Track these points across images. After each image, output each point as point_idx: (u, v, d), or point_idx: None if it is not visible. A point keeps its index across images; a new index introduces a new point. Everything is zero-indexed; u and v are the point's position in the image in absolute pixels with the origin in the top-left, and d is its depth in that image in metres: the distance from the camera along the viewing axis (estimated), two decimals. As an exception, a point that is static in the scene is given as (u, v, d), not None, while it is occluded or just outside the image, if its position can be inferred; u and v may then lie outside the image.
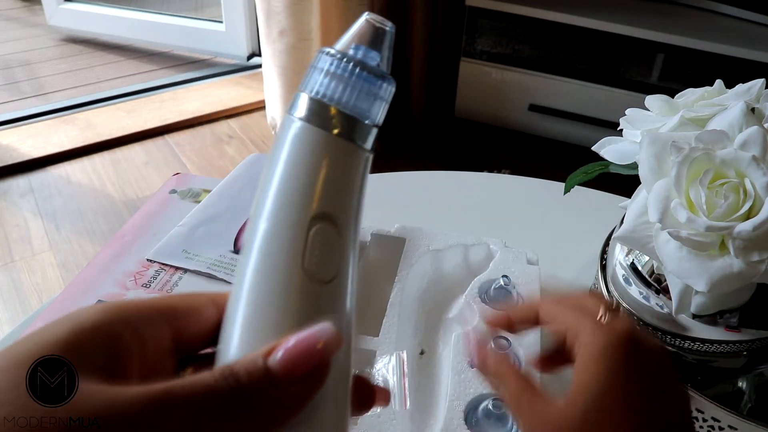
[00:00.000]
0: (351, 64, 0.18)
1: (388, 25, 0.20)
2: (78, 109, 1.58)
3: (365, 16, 0.19)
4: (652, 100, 0.35)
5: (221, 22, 1.75)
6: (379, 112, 0.19)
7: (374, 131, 0.19)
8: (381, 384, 0.36)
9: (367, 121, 0.19)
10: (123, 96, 1.65)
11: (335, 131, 0.18)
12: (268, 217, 0.18)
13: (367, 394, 0.19)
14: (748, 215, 0.28)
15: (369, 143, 0.19)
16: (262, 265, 0.18)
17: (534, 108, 1.43)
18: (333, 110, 0.18)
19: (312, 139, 0.18)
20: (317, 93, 0.18)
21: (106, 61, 1.83)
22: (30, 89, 1.69)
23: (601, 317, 0.22)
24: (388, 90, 0.19)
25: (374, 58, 0.19)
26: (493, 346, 0.36)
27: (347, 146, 0.18)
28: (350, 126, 0.18)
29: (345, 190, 0.19)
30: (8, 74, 1.78)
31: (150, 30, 1.83)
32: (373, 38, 0.19)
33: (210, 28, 1.79)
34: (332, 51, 0.19)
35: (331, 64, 0.18)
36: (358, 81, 0.18)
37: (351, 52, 0.19)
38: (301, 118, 0.18)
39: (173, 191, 0.45)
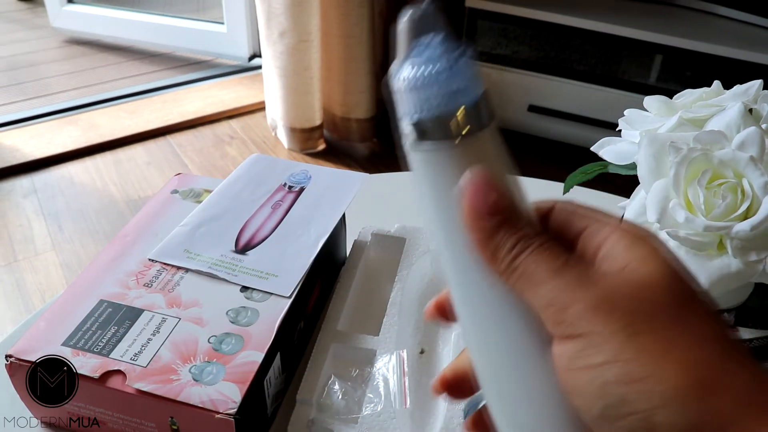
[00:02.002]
0: (427, 67, 0.17)
1: (423, 5, 0.18)
2: (81, 110, 1.59)
3: (403, 21, 0.18)
4: (651, 101, 0.35)
5: (222, 23, 1.75)
6: (477, 81, 0.18)
7: (486, 95, 0.18)
8: (381, 384, 0.36)
9: (478, 97, 0.17)
10: (125, 97, 1.65)
11: (464, 131, 0.17)
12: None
13: None
14: (746, 215, 0.28)
15: (490, 110, 0.18)
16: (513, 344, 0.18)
17: (533, 108, 1.43)
18: (455, 119, 0.17)
19: (456, 156, 0.17)
20: (423, 112, 0.17)
21: (108, 63, 1.83)
22: (33, 90, 1.70)
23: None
24: (468, 56, 0.17)
25: (436, 43, 0.17)
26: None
27: (485, 134, 0.18)
28: (475, 115, 0.17)
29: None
30: (12, 75, 1.78)
31: (152, 31, 1.84)
32: (420, 26, 0.17)
33: (211, 30, 1.79)
34: (403, 68, 0.17)
35: (415, 78, 0.17)
36: (444, 77, 0.17)
37: (416, 56, 0.17)
38: (429, 147, 0.18)
39: (175, 191, 0.45)
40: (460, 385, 0.22)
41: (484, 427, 0.21)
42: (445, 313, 0.22)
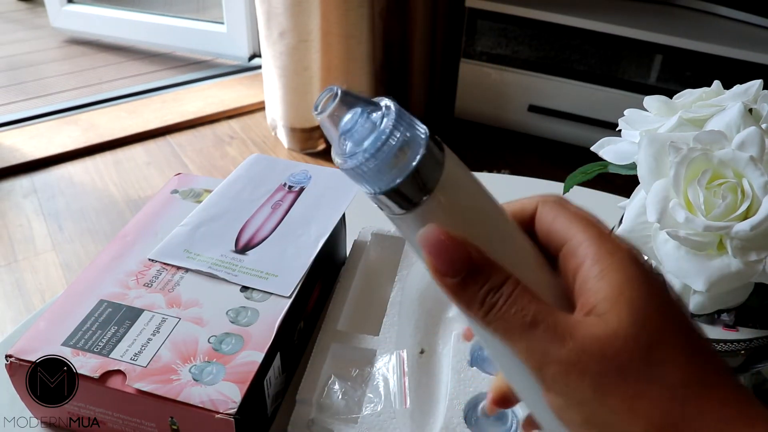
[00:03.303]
0: (361, 157, 0.17)
1: (334, 89, 0.18)
2: (80, 110, 1.59)
3: (320, 114, 0.18)
4: (651, 101, 0.35)
5: (222, 23, 1.75)
6: (416, 127, 0.17)
7: (430, 143, 0.17)
8: (381, 384, 0.36)
9: (421, 152, 0.17)
10: (125, 97, 1.65)
11: (423, 187, 0.17)
12: None
13: None
14: (746, 215, 0.28)
15: (441, 152, 0.18)
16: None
17: (533, 108, 1.43)
18: (410, 183, 0.17)
19: (420, 214, 0.18)
20: (377, 191, 0.18)
21: (108, 63, 1.83)
22: (33, 90, 1.70)
23: (606, 232, 0.19)
24: (394, 109, 0.17)
25: (358, 119, 0.17)
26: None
27: (444, 174, 0.17)
28: (428, 167, 0.17)
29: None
30: (12, 75, 1.78)
31: (152, 31, 1.84)
32: (335, 115, 0.18)
33: (211, 30, 1.79)
34: (340, 158, 0.18)
35: (354, 167, 0.17)
36: (378, 159, 0.17)
37: (348, 140, 0.17)
38: (399, 213, 0.18)
39: (175, 191, 0.45)
40: (506, 401, 0.23)
41: (536, 426, 0.22)
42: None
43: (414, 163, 0.17)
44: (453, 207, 0.18)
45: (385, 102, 0.18)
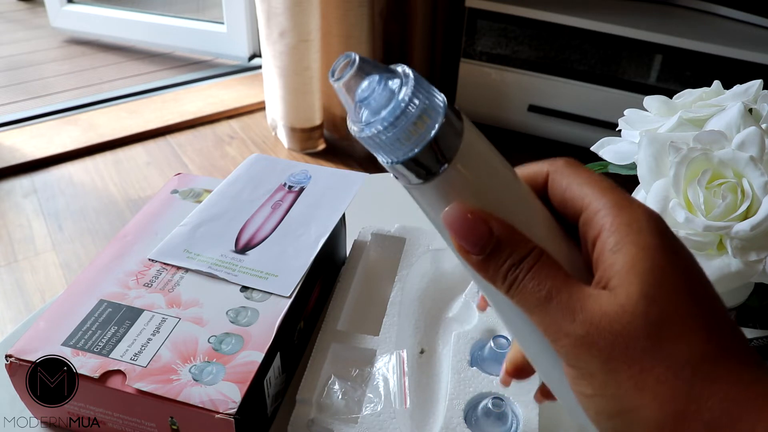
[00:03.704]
0: (377, 124, 0.17)
1: (352, 56, 0.17)
2: (81, 110, 1.59)
3: (336, 81, 0.17)
4: (651, 101, 0.35)
5: (222, 23, 1.75)
6: (434, 95, 0.17)
7: (449, 111, 0.17)
8: (381, 384, 0.36)
9: (439, 121, 0.17)
10: (125, 97, 1.65)
11: (441, 158, 0.17)
12: None
13: None
14: (745, 215, 0.28)
15: (459, 121, 0.17)
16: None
17: (533, 108, 1.43)
18: (428, 153, 0.17)
19: (440, 184, 0.17)
20: (394, 160, 0.17)
21: (108, 63, 1.83)
22: (33, 90, 1.70)
23: (624, 196, 0.18)
24: (413, 77, 0.17)
25: (376, 87, 0.17)
26: (492, 345, 0.36)
27: (464, 143, 0.17)
28: (446, 137, 0.17)
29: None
30: (12, 75, 1.78)
31: (152, 31, 1.84)
32: (352, 81, 0.17)
33: (211, 30, 1.79)
34: (357, 126, 0.17)
35: (371, 136, 0.17)
36: (397, 128, 0.16)
37: (365, 109, 0.17)
38: (416, 183, 0.18)
39: (175, 191, 0.45)
40: (521, 371, 0.24)
41: (551, 395, 0.22)
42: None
43: (433, 132, 0.17)
44: (472, 176, 0.18)
45: (402, 69, 0.17)
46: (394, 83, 0.17)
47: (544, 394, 0.23)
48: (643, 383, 0.16)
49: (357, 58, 0.17)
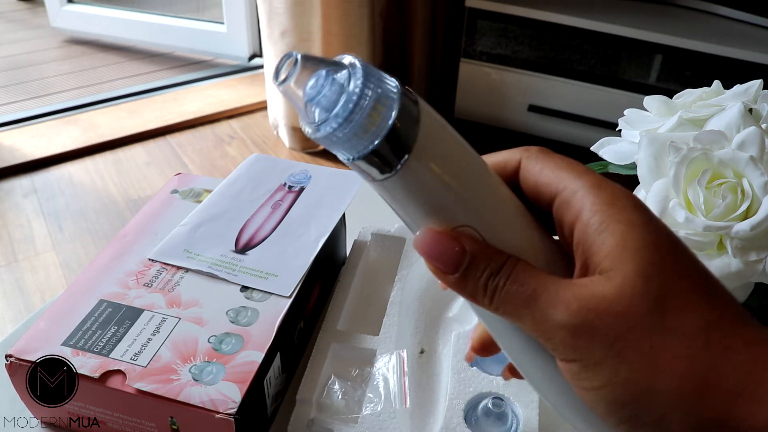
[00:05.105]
0: (331, 123, 0.16)
1: (293, 54, 0.17)
2: (80, 110, 1.59)
3: (281, 83, 0.17)
4: (651, 101, 0.35)
5: (222, 23, 1.75)
6: (386, 81, 0.16)
7: (403, 98, 0.16)
8: (381, 384, 0.36)
9: (394, 112, 0.16)
10: (125, 97, 1.65)
11: (402, 150, 0.16)
12: None
13: None
14: (745, 215, 0.28)
15: (416, 106, 0.16)
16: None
17: (533, 108, 1.43)
18: (381, 147, 0.16)
19: (407, 177, 0.17)
20: (354, 156, 0.16)
21: (108, 63, 1.83)
22: (33, 90, 1.70)
23: (600, 177, 0.18)
24: (360, 66, 0.16)
25: (323, 83, 0.16)
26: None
27: (422, 129, 0.16)
28: (404, 127, 0.16)
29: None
30: (12, 75, 1.78)
31: (152, 31, 1.84)
32: (299, 80, 0.16)
33: (211, 30, 1.79)
34: (310, 126, 0.16)
35: (326, 134, 0.16)
36: (352, 123, 0.16)
37: (315, 107, 0.16)
38: (380, 179, 0.17)
39: (175, 191, 0.45)
40: (487, 349, 0.23)
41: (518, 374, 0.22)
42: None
43: (390, 122, 0.16)
44: (434, 164, 0.17)
45: (348, 59, 0.16)
46: (341, 75, 0.16)
47: (511, 372, 0.23)
48: (657, 360, 0.15)
49: (299, 56, 0.16)
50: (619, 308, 0.16)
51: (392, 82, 0.16)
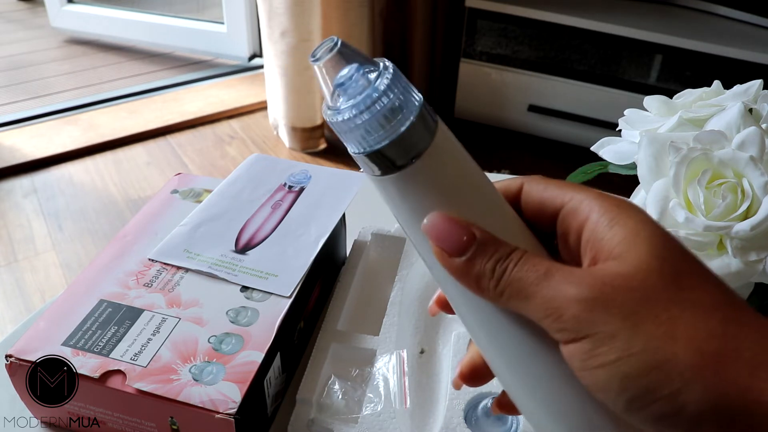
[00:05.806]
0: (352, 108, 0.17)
1: (335, 39, 0.18)
2: (81, 110, 1.59)
3: (316, 62, 0.18)
4: (651, 101, 0.35)
5: (222, 23, 1.75)
6: (411, 92, 0.17)
7: (424, 111, 0.17)
8: (381, 384, 0.36)
9: (411, 119, 0.17)
10: (125, 97, 1.65)
11: (412, 154, 0.17)
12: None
13: None
14: (745, 215, 0.28)
15: (433, 120, 0.18)
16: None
17: (533, 108, 1.43)
18: (398, 145, 0.17)
19: (408, 178, 0.17)
20: (362, 150, 0.17)
21: (108, 63, 1.83)
22: (33, 90, 1.70)
23: (602, 192, 0.19)
24: (390, 71, 0.17)
25: (354, 74, 0.17)
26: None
27: (435, 141, 0.17)
28: (418, 131, 0.17)
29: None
30: (12, 75, 1.78)
31: (152, 31, 1.84)
32: (332, 64, 0.17)
33: (211, 30, 1.79)
34: (332, 110, 0.17)
35: (345, 121, 0.17)
36: (366, 116, 0.17)
37: (341, 94, 0.17)
38: (377, 175, 0.18)
39: (175, 191, 0.45)
40: (477, 376, 0.23)
41: (508, 408, 0.22)
42: (448, 306, 0.22)
43: (403, 127, 0.17)
44: (437, 177, 0.18)
45: (384, 63, 0.17)
46: (373, 74, 0.17)
47: (503, 406, 0.22)
48: (675, 330, 0.15)
49: (339, 42, 0.17)
50: (635, 283, 0.16)
51: (417, 96, 0.18)
